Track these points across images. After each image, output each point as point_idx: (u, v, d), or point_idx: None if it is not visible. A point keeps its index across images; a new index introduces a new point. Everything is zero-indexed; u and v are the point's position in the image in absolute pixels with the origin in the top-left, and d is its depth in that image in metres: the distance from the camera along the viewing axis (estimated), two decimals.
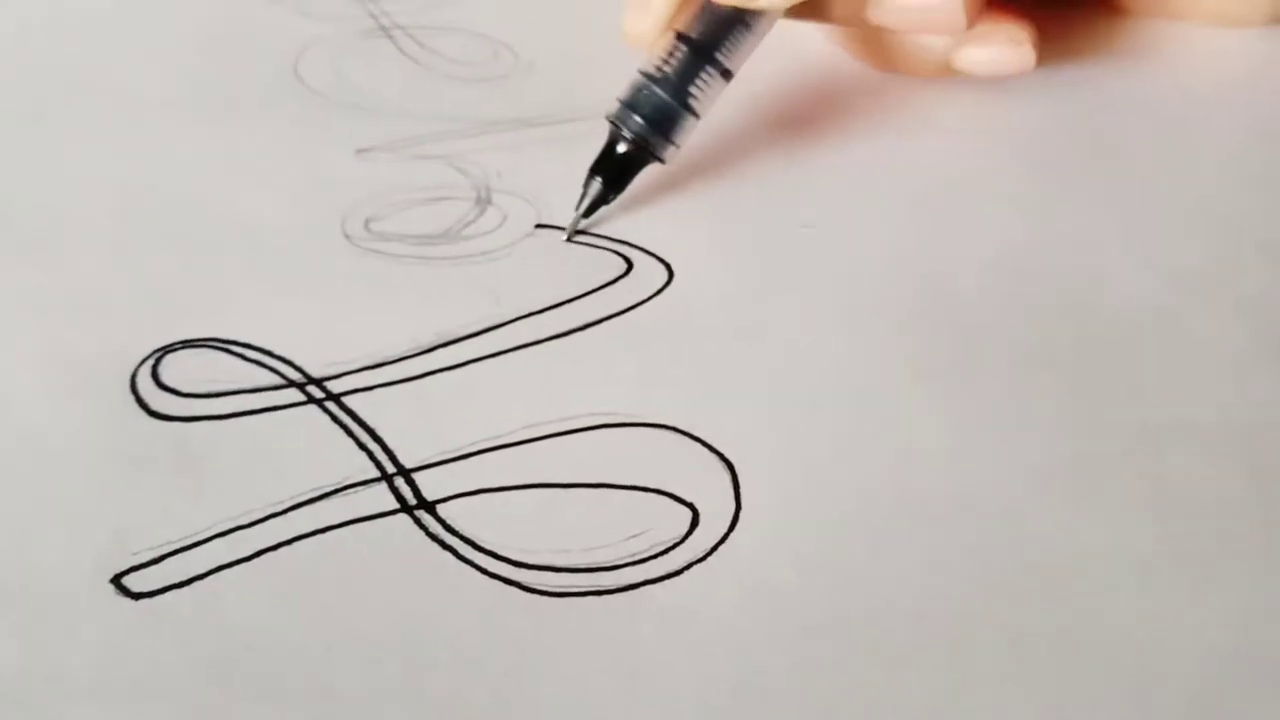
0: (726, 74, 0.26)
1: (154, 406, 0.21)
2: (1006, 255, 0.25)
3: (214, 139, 0.28)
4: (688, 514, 0.20)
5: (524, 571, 0.19)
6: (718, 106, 0.27)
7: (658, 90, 0.25)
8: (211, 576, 0.18)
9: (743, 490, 0.20)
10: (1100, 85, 0.31)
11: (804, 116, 0.28)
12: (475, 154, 0.28)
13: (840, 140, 0.29)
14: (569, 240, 0.25)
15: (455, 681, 0.17)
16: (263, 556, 0.19)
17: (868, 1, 0.27)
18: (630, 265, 0.25)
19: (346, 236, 0.25)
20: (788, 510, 0.20)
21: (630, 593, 0.19)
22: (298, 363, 0.22)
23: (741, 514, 0.20)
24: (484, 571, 0.19)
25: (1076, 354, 0.23)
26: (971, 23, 0.27)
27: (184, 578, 0.18)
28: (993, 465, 0.21)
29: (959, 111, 0.30)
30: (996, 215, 0.27)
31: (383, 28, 0.32)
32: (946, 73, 0.29)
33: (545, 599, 0.18)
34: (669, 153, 0.26)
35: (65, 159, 0.27)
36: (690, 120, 0.26)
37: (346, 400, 0.21)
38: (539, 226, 0.26)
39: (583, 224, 0.26)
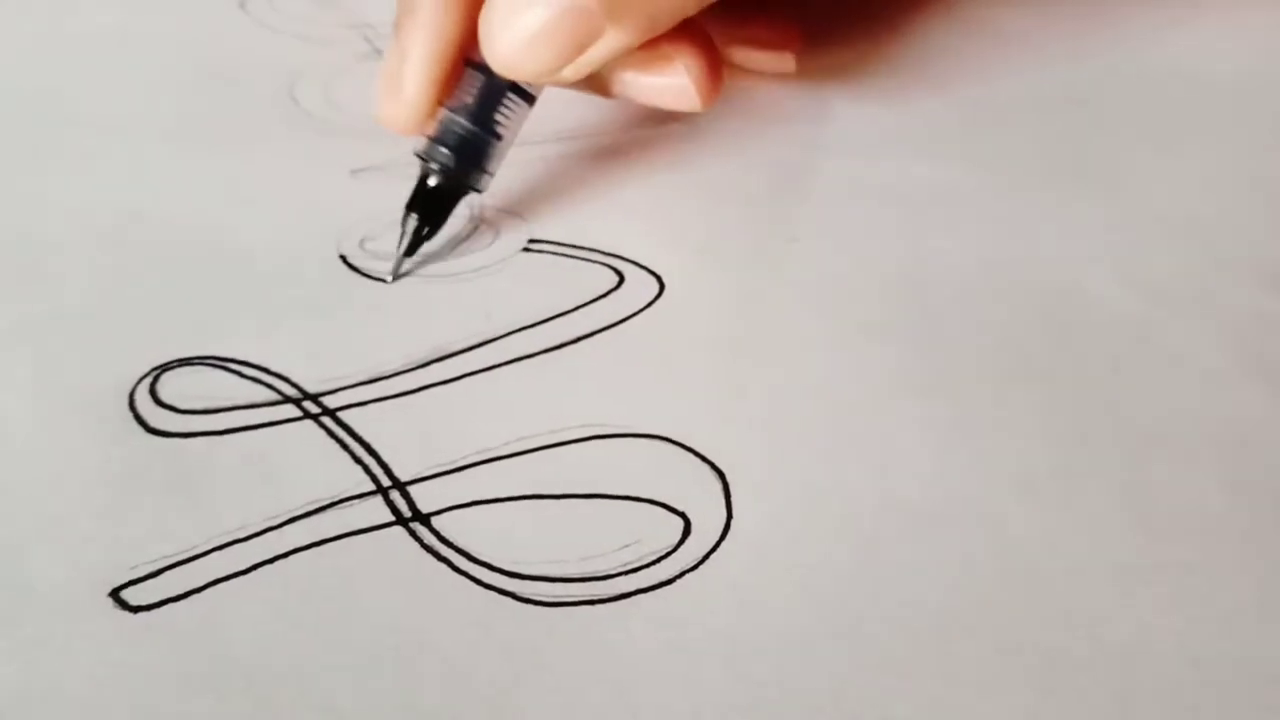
0: (530, 99, 0.25)
1: (152, 423, 0.21)
2: (989, 270, 0.26)
3: (212, 161, 0.28)
4: (679, 524, 0.20)
5: (518, 582, 0.19)
6: (713, 117, 0.27)
7: (460, 120, 0.25)
8: (209, 590, 0.19)
9: (734, 500, 0.20)
10: (1081, 102, 0.31)
11: (788, 132, 0.28)
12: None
13: (825, 155, 0.29)
14: (394, 280, 0.25)
15: (450, 692, 0.17)
16: (260, 570, 0.19)
17: (613, 83, 0.26)
18: (622, 279, 0.25)
19: (342, 255, 0.26)
20: (778, 519, 0.20)
21: (623, 602, 0.19)
22: (294, 379, 0.22)
23: (733, 523, 0.20)
24: (478, 582, 0.19)
25: (1058, 367, 0.23)
26: (707, 103, 0.26)
27: (182, 591, 0.19)
28: (976, 476, 0.21)
29: (943, 128, 0.30)
30: (979, 230, 0.27)
31: (377, 51, 0.33)
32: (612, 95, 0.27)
33: (539, 609, 0.19)
34: (483, 181, 0.25)
35: (62, 184, 0.27)
36: (498, 145, 0.25)
37: (342, 415, 0.22)
38: (531, 243, 0.26)
39: (408, 265, 0.25)
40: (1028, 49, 0.34)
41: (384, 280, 0.25)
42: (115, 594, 0.18)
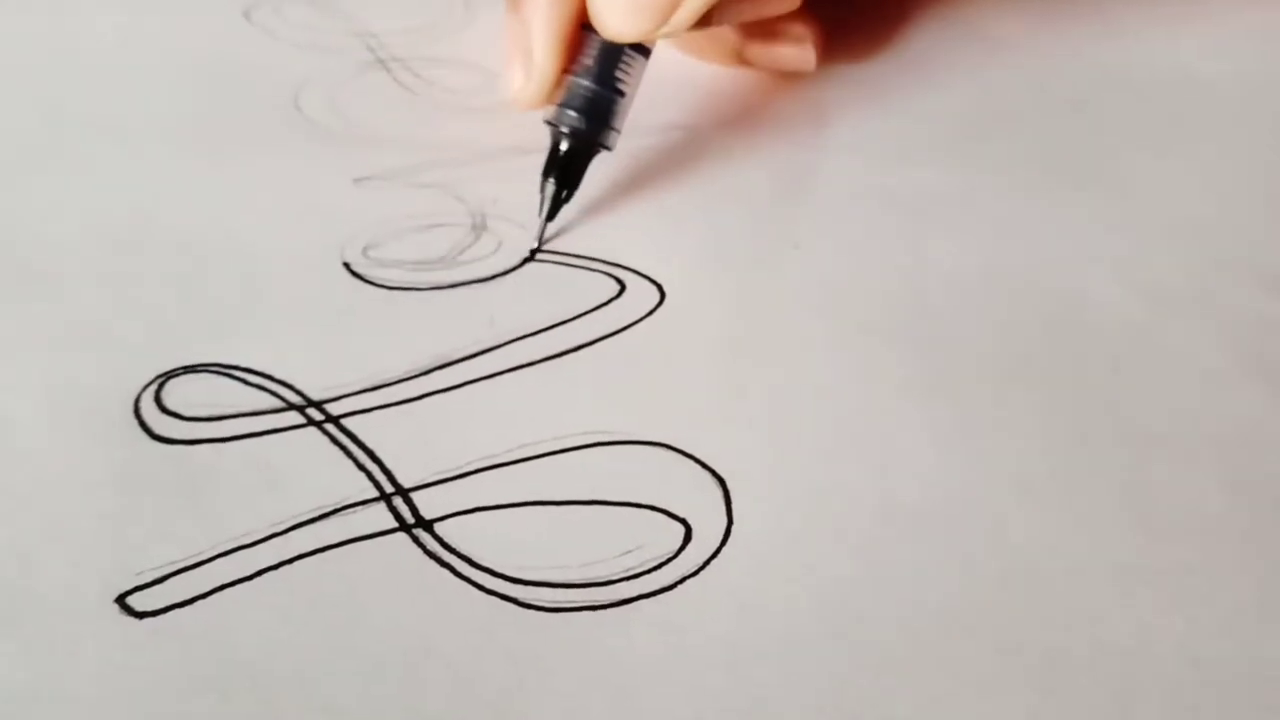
0: (646, 52, 0.27)
1: (157, 430, 0.21)
2: (989, 273, 0.26)
3: (216, 170, 0.28)
4: (681, 530, 0.20)
5: (520, 587, 0.19)
6: (714, 124, 0.27)
7: (584, 82, 0.26)
8: (214, 595, 0.19)
9: (734, 506, 0.21)
10: (1080, 105, 0.32)
11: (788, 138, 0.28)
12: (470, 181, 0.28)
13: (825, 161, 0.29)
14: (538, 248, 0.26)
15: (453, 697, 0.18)
16: (264, 575, 0.19)
17: (743, 53, 0.29)
18: (623, 287, 0.25)
19: (345, 263, 0.26)
20: (779, 525, 0.20)
21: (624, 607, 0.19)
22: (298, 386, 0.22)
23: (733, 529, 0.20)
24: (481, 588, 0.19)
25: (1058, 368, 0.23)
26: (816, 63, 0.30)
27: (187, 597, 0.19)
28: (977, 478, 0.21)
29: (943, 132, 0.30)
30: (979, 233, 0.27)
31: (380, 60, 0.33)
32: (743, 63, 0.31)
33: (541, 614, 0.19)
34: (611, 138, 0.27)
35: (69, 192, 0.27)
36: (621, 101, 0.26)
37: (346, 422, 0.22)
38: (534, 251, 0.26)
39: (550, 230, 0.26)
40: (1027, 53, 0.34)
41: (404, 288, 0.25)
42: (121, 600, 0.19)
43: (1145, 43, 0.34)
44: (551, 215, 0.26)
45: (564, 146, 0.26)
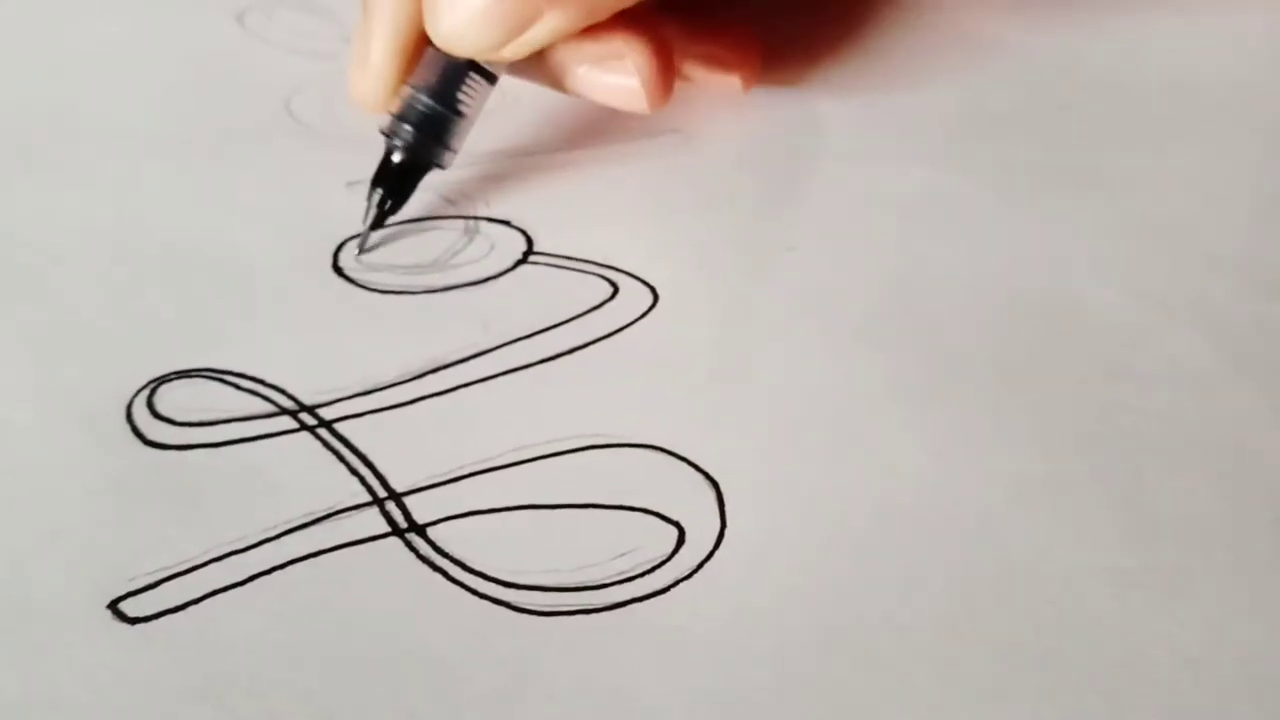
0: (491, 78, 0.26)
1: (149, 435, 0.21)
2: (983, 276, 0.26)
3: (208, 174, 0.28)
4: (674, 533, 0.20)
5: (513, 591, 0.19)
6: (706, 127, 0.27)
7: (423, 98, 0.26)
8: (207, 601, 0.19)
9: (728, 509, 0.21)
10: (1072, 107, 0.32)
11: (780, 141, 0.28)
12: (463, 184, 0.28)
13: (818, 164, 0.29)
14: (359, 255, 0.26)
15: (447, 701, 0.18)
16: (257, 581, 0.19)
17: (565, 77, 0.27)
18: (616, 289, 0.25)
19: (338, 267, 0.26)
20: (772, 528, 0.20)
21: (618, 611, 0.19)
22: (290, 391, 0.22)
23: (727, 532, 0.20)
24: (474, 592, 0.19)
25: (1051, 372, 0.24)
26: (655, 105, 0.26)
27: (180, 602, 0.19)
28: (969, 481, 0.21)
29: (935, 135, 0.30)
30: (973, 237, 0.27)
31: None
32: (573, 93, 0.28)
33: (534, 618, 0.19)
34: (446, 157, 0.26)
35: (60, 196, 0.27)
36: (460, 123, 0.26)
37: (338, 426, 0.22)
38: (526, 254, 0.26)
39: (374, 239, 0.26)
40: (1018, 55, 0.34)
41: (376, 289, 0.25)
42: (114, 605, 0.19)
43: (1135, 44, 0.34)
44: (375, 225, 0.26)
45: (395, 158, 0.26)
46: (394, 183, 0.26)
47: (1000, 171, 0.29)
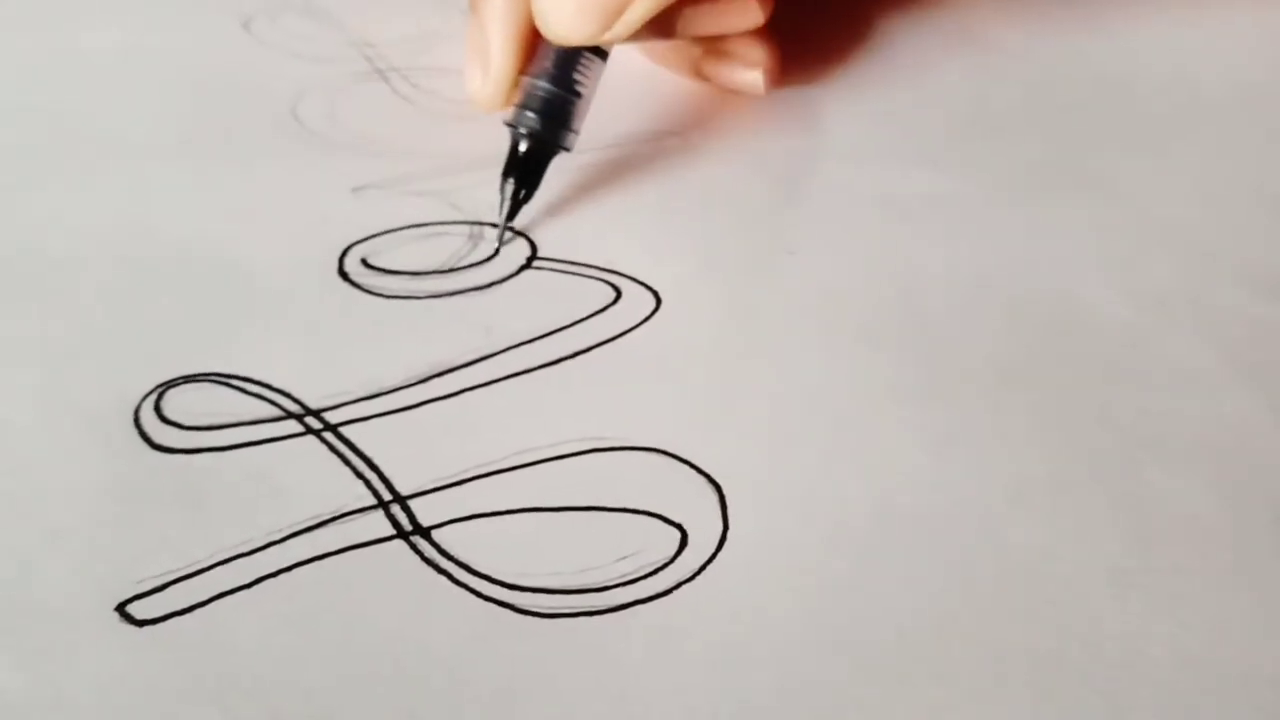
0: (603, 54, 0.27)
1: (157, 439, 0.22)
2: (983, 278, 0.26)
3: (215, 179, 0.28)
4: (676, 535, 0.20)
5: (517, 594, 0.19)
6: (708, 130, 0.27)
7: (541, 84, 0.26)
8: (213, 603, 0.19)
9: (730, 511, 0.21)
10: (1072, 109, 0.32)
11: (782, 144, 0.28)
12: (468, 190, 0.28)
13: (819, 166, 0.29)
14: (499, 246, 0.26)
15: (450, 702, 0.18)
16: (263, 583, 0.19)
17: (677, 18, 0.29)
18: (619, 294, 0.25)
19: (343, 272, 0.26)
20: (774, 530, 0.20)
21: (621, 613, 0.19)
22: (296, 395, 0.23)
23: (729, 535, 0.20)
24: (478, 594, 0.19)
25: (1051, 373, 0.24)
26: (774, 85, 0.30)
27: (187, 605, 0.19)
28: (971, 483, 0.21)
29: (936, 137, 0.31)
30: (973, 238, 0.27)
31: (378, 70, 0.33)
32: (700, 78, 0.31)
33: (538, 620, 0.19)
34: (570, 139, 0.27)
35: (67, 202, 0.28)
36: (578, 103, 0.27)
37: (344, 430, 0.22)
38: (531, 258, 0.26)
39: (519, 224, 0.27)
40: (1020, 56, 0.34)
41: (381, 294, 0.25)
42: (121, 608, 0.19)
43: (1136, 46, 0.34)
44: (512, 215, 0.27)
45: (522, 147, 0.27)
46: (525, 171, 0.27)
47: (1001, 173, 0.29)
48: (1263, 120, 0.32)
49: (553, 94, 0.26)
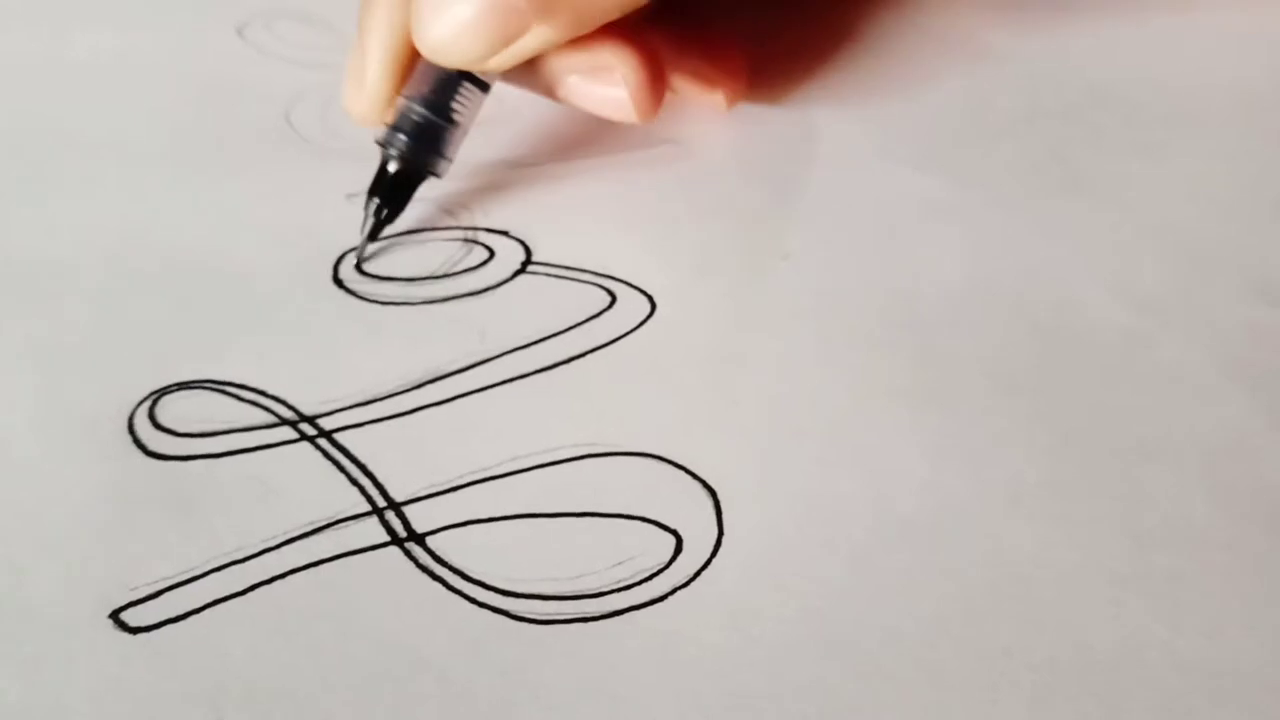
0: (484, 86, 0.26)
1: (151, 446, 0.22)
2: (980, 283, 0.26)
3: (209, 185, 0.28)
4: (671, 541, 0.20)
5: (512, 600, 0.19)
6: (703, 136, 0.27)
7: (417, 108, 0.26)
8: (208, 611, 0.19)
9: (725, 516, 0.21)
10: (1068, 114, 0.32)
11: (777, 149, 0.28)
12: (462, 195, 0.28)
13: (814, 172, 0.29)
14: (358, 266, 0.26)
15: (446, 710, 0.18)
16: (257, 590, 0.19)
17: (557, 87, 0.27)
18: (614, 298, 0.25)
19: (338, 279, 0.26)
20: (769, 535, 0.20)
21: (616, 619, 0.19)
22: (290, 401, 0.23)
23: (724, 540, 0.20)
24: (473, 601, 0.19)
25: (1047, 378, 0.24)
26: (644, 117, 0.27)
27: (181, 612, 0.19)
28: (968, 488, 0.21)
29: (932, 142, 0.31)
30: (969, 244, 0.27)
31: None
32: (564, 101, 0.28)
33: (533, 626, 0.19)
34: (441, 165, 0.26)
35: (61, 209, 0.27)
36: (454, 131, 0.26)
37: (338, 437, 0.22)
38: (525, 264, 0.26)
39: (371, 249, 0.26)
40: (1014, 61, 0.34)
41: (375, 300, 0.25)
42: (115, 615, 0.19)
43: (1132, 49, 0.34)
44: (373, 235, 0.26)
45: (391, 168, 0.26)
46: (390, 192, 0.26)
47: (996, 177, 0.29)
48: (1259, 124, 0.32)
49: (426, 119, 0.26)
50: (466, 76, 0.26)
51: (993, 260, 0.27)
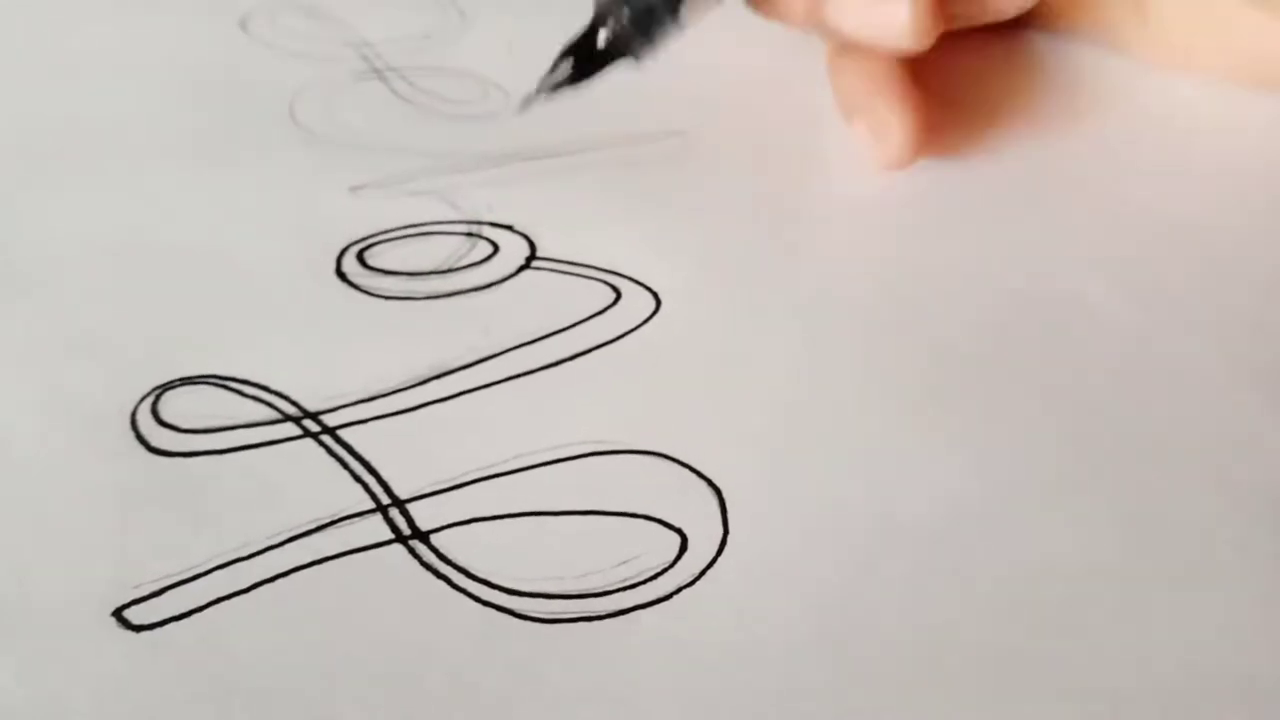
0: None
1: (154, 442, 0.22)
2: (986, 280, 0.26)
3: (212, 178, 0.28)
4: (676, 539, 0.20)
5: (516, 599, 0.19)
6: (709, 133, 0.27)
7: None
8: (211, 608, 0.19)
9: (730, 515, 0.21)
10: (1076, 112, 0.32)
11: (787, 145, 0.28)
12: (467, 189, 0.28)
13: (821, 168, 0.29)
14: (522, 108, 0.25)
15: (450, 708, 0.18)
16: (261, 588, 0.19)
17: (825, 6, 0.26)
18: (619, 295, 0.25)
19: (341, 272, 0.26)
20: (775, 535, 0.20)
21: (621, 618, 0.19)
22: (294, 397, 0.23)
23: (729, 539, 0.20)
24: (477, 599, 0.19)
25: (1055, 375, 0.24)
26: (922, 43, 0.25)
27: (184, 610, 0.19)
28: (971, 486, 0.21)
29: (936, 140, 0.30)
30: (975, 240, 0.27)
31: (375, 69, 0.33)
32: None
33: (538, 625, 0.19)
34: (647, 55, 0.25)
35: (63, 203, 0.27)
36: (675, 29, 0.25)
37: (342, 433, 0.22)
38: (529, 259, 0.26)
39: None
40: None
41: (379, 295, 0.25)
42: (118, 613, 0.19)
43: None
44: (550, 91, 0.25)
45: (601, 37, 0.25)
46: (589, 61, 0.25)
47: (1002, 172, 0.29)
48: (1263, 115, 0.31)
49: (656, 6, 0.24)
50: None
51: (997, 256, 0.27)
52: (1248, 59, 0.30)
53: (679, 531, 0.20)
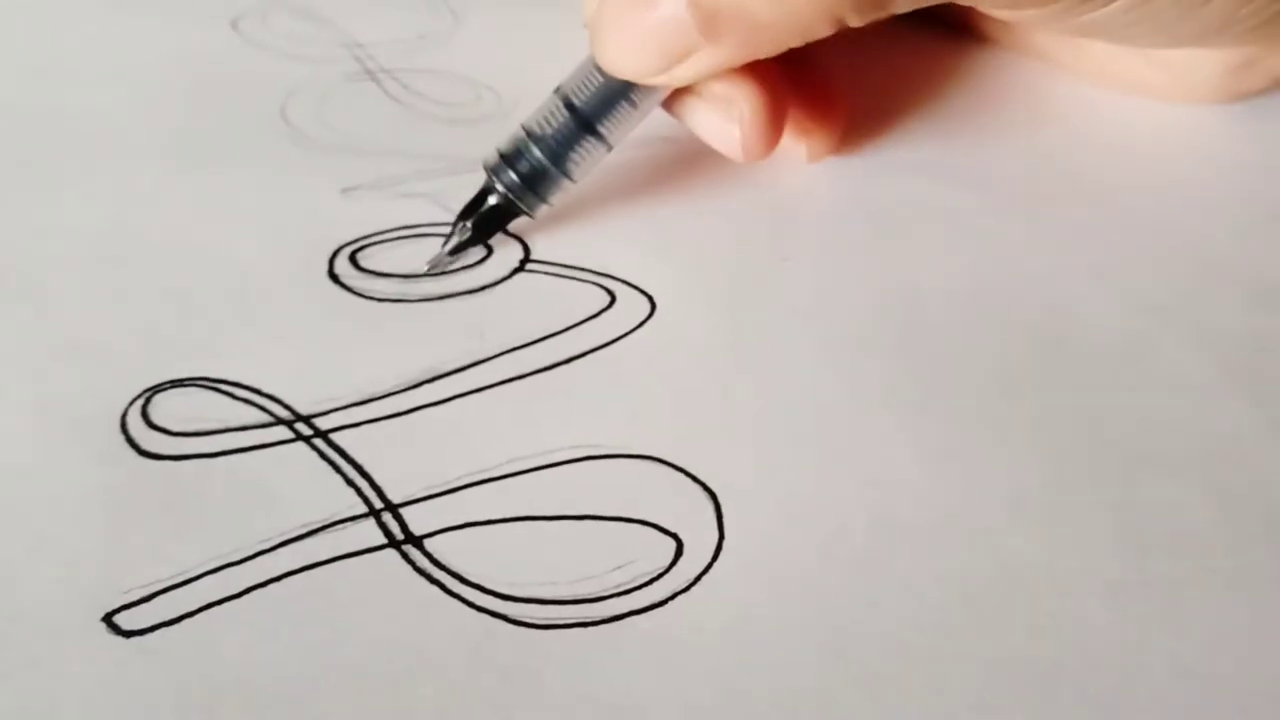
0: (608, 144, 0.26)
1: (144, 446, 0.21)
2: (979, 287, 0.26)
3: (203, 181, 0.28)
4: (672, 545, 0.20)
5: (510, 604, 0.19)
6: (697, 142, 0.27)
7: (536, 151, 0.25)
8: (202, 613, 0.19)
9: (725, 520, 0.21)
10: (1071, 121, 0.32)
11: (779, 154, 0.28)
12: (459, 191, 0.28)
13: (815, 174, 0.29)
14: (427, 274, 0.25)
15: (444, 714, 0.17)
16: (253, 593, 0.19)
17: (677, 103, 0.26)
18: (613, 298, 0.25)
19: (333, 275, 0.26)
20: (769, 539, 0.20)
21: (615, 624, 0.19)
22: (286, 400, 0.22)
23: (724, 544, 0.20)
24: (471, 605, 0.19)
25: (1047, 382, 0.24)
26: (750, 158, 0.26)
27: (175, 615, 0.19)
28: (966, 493, 0.21)
29: (930, 148, 0.30)
30: (969, 247, 0.27)
31: (368, 71, 0.33)
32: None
33: (532, 631, 0.19)
34: (539, 210, 0.26)
35: (53, 203, 0.27)
36: (565, 183, 0.26)
37: (334, 437, 0.22)
38: (523, 262, 0.26)
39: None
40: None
41: (372, 297, 0.25)
42: (108, 618, 0.19)
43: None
44: (453, 253, 0.26)
45: (492, 200, 0.26)
46: (484, 224, 0.26)
47: (997, 181, 0.29)
48: (1259, 128, 0.32)
49: (541, 166, 0.25)
50: (591, 131, 0.25)
51: (992, 264, 0.27)
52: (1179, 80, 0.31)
53: (674, 536, 0.20)
